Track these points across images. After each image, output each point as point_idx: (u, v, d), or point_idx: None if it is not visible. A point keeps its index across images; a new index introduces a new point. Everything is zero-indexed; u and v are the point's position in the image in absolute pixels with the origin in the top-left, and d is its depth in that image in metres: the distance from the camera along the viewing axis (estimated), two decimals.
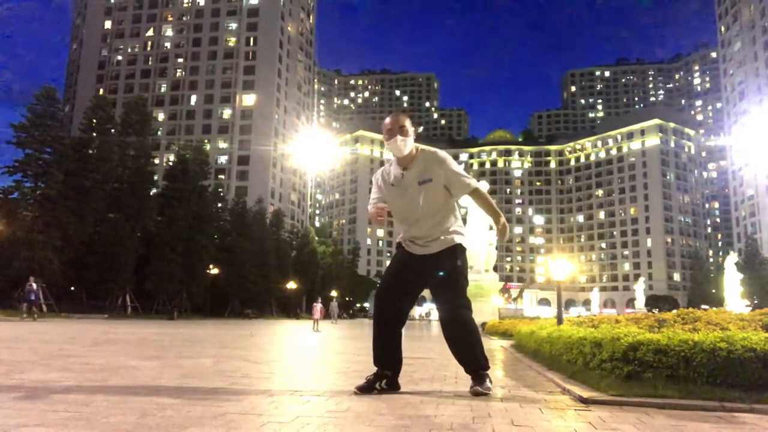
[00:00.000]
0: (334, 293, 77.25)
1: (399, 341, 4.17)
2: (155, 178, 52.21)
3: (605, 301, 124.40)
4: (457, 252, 4.02)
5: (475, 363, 4.07)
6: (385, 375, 4.08)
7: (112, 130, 47.35)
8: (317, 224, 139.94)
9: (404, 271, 4.07)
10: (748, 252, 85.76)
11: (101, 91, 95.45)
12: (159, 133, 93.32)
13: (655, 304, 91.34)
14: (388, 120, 4.04)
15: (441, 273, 3.97)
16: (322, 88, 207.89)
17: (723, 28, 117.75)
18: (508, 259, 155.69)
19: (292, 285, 64.84)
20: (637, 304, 63.06)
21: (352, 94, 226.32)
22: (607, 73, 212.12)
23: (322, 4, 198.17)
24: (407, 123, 4.02)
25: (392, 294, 4.08)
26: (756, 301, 62.49)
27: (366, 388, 4.02)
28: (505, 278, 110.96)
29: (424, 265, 4.00)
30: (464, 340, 4.05)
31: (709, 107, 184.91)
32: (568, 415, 3.40)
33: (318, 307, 26.37)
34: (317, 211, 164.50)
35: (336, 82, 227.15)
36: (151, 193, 49.86)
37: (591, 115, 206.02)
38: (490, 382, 4.11)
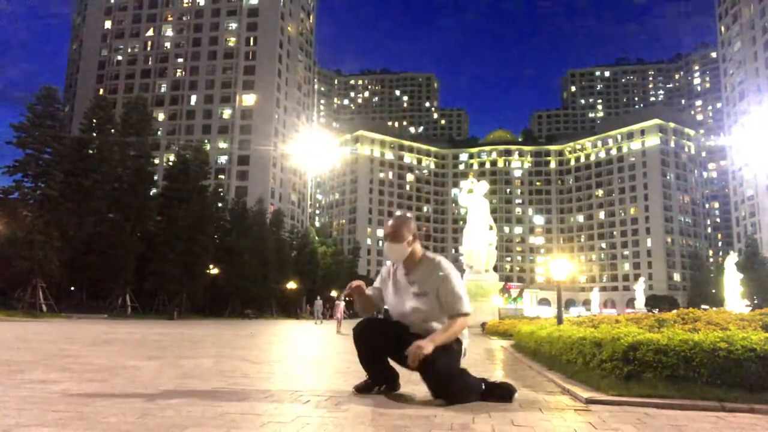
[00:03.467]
0: (334, 293, 77.27)
1: (386, 366, 4.10)
2: (155, 178, 52.16)
3: (605, 301, 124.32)
4: (451, 350, 3.86)
5: (449, 399, 3.77)
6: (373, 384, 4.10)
7: (112, 130, 47.30)
8: (317, 224, 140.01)
9: (389, 332, 3.99)
10: (748, 252, 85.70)
11: (101, 91, 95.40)
12: (159, 133, 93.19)
13: (655, 304, 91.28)
14: (388, 223, 4.01)
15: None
16: (322, 88, 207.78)
17: (723, 28, 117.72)
18: (508, 259, 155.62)
19: (292, 285, 64.79)
20: (637, 304, 62.99)
21: (352, 94, 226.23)
22: (607, 73, 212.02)
23: (322, 4, 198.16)
24: (405, 230, 3.90)
25: (371, 337, 4.01)
26: (756, 301, 62.46)
27: (365, 388, 4.04)
28: (505, 278, 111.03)
29: (404, 333, 3.90)
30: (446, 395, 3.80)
31: (709, 107, 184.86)
32: (568, 415, 3.40)
33: (341, 306, 24.69)
34: (317, 211, 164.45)
35: (336, 82, 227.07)
36: (151, 193, 49.82)
37: (591, 115, 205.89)
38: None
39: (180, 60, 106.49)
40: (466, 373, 3.95)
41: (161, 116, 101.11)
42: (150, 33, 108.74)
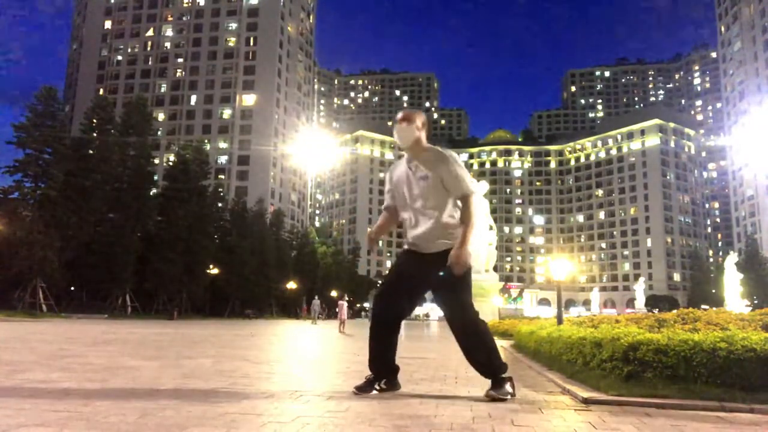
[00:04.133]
0: (334, 293, 77.29)
1: (393, 347, 4.10)
2: (155, 178, 52.15)
3: (605, 301, 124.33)
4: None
5: (491, 367, 3.94)
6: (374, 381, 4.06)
7: (112, 130, 47.31)
8: (317, 224, 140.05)
9: (406, 271, 4.02)
10: (748, 252, 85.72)
11: (101, 91, 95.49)
12: (159, 133, 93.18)
13: (655, 304, 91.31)
14: (399, 113, 4.10)
15: (442, 273, 3.84)
16: (322, 88, 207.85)
17: (723, 28, 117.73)
18: (508, 259, 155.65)
19: (292, 285, 64.81)
20: (637, 304, 62.98)
21: (352, 94, 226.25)
22: (607, 73, 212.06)
23: (322, 4, 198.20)
24: (417, 117, 4.04)
25: (393, 296, 4.02)
26: (756, 301, 62.49)
27: (365, 388, 4.01)
28: (505, 278, 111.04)
29: (426, 264, 3.92)
30: (476, 346, 3.95)
31: (709, 107, 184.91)
32: (568, 415, 3.40)
33: (344, 306, 23.70)
34: (317, 211, 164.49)
35: (336, 82, 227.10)
36: (151, 193, 49.82)
37: (591, 115, 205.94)
38: (512, 386, 3.94)
39: (180, 60, 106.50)
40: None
41: (161, 116, 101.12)
42: (150, 33, 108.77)
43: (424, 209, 3.94)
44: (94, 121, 46.31)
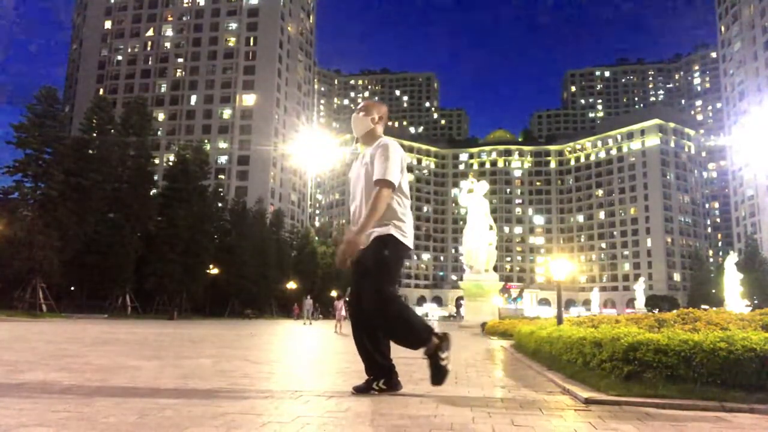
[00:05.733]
0: (334, 293, 77.14)
1: (379, 346, 3.95)
2: (155, 178, 52.12)
3: (605, 301, 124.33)
4: (386, 241, 3.78)
5: (416, 343, 3.81)
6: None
7: (112, 130, 47.32)
8: (317, 224, 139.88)
9: (354, 268, 3.90)
10: (748, 252, 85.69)
11: (101, 91, 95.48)
12: (159, 133, 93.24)
13: (655, 304, 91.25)
14: (363, 102, 4.22)
15: (367, 262, 3.74)
16: (322, 88, 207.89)
17: (723, 28, 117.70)
18: (508, 259, 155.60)
19: (292, 285, 64.77)
20: (637, 304, 62.98)
21: (352, 94, 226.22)
22: (607, 73, 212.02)
23: (322, 4, 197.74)
24: (374, 109, 4.10)
25: (351, 297, 4.05)
26: (756, 301, 62.45)
27: (364, 389, 3.98)
28: (505, 278, 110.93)
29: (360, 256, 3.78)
30: (387, 330, 3.81)
31: (709, 107, 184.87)
32: (568, 415, 3.40)
33: (342, 305, 22.50)
34: (317, 211, 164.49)
35: (336, 82, 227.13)
36: (151, 193, 49.81)
37: (591, 115, 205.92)
38: (446, 347, 3.84)
39: (180, 60, 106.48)
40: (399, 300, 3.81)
41: (161, 116, 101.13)
42: (150, 33, 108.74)
43: (363, 196, 3.87)
44: (94, 121, 46.31)
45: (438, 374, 3.88)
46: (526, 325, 11.78)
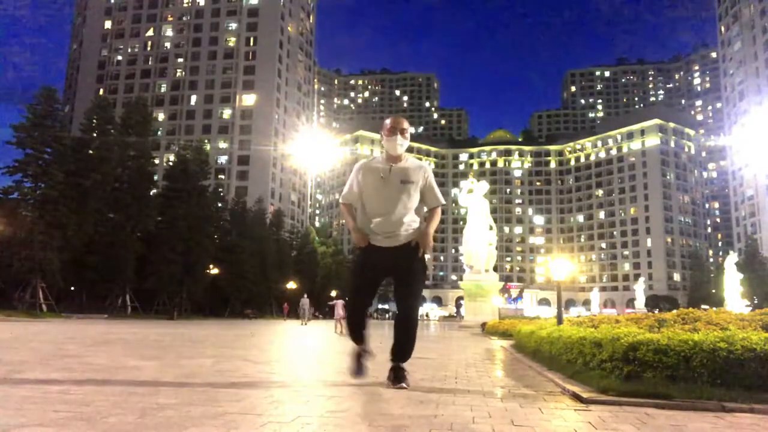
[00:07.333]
0: (333, 293, 77.20)
1: (365, 323, 4.63)
2: (155, 178, 52.11)
3: (605, 301, 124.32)
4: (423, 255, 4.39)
5: (407, 356, 4.42)
6: (365, 350, 4.57)
7: (112, 130, 47.32)
8: (317, 224, 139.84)
9: (373, 268, 4.38)
10: (748, 252, 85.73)
11: (101, 91, 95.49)
12: (159, 133, 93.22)
13: (655, 304, 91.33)
14: (391, 119, 4.36)
15: (404, 265, 4.30)
16: (322, 88, 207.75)
17: (723, 28, 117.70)
18: (508, 259, 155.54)
19: (292, 285, 64.78)
20: (637, 304, 63.03)
21: (352, 94, 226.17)
22: (607, 73, 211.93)
23: (322, 4, 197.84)
24: (408, 127, 4.37)
25: (363, 292, 4.48)
26: (756, 301, 62.46)
27: (357, 370, 4.52)
28: (505, 278, 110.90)
29: (391, 256, 4.29)
30: (409, 338, 4.37)
31: (709, 107, 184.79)
32: (568, 415, 3.40)
33: (341, 304, 21.93)
34: (317, 211, 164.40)
35: (336, 82, 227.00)
36: (151, 193, 49.81)
37: (591, 115, 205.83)
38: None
39: (180, 60, 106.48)
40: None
41: (161, 116, 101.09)
42: (150, 33, 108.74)
43: (399, 207, 4.26)
44: (94, 121, 46.32)
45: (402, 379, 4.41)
46: (526, 325, 11.78)
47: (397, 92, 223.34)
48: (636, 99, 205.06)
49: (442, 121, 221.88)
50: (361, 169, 4.39)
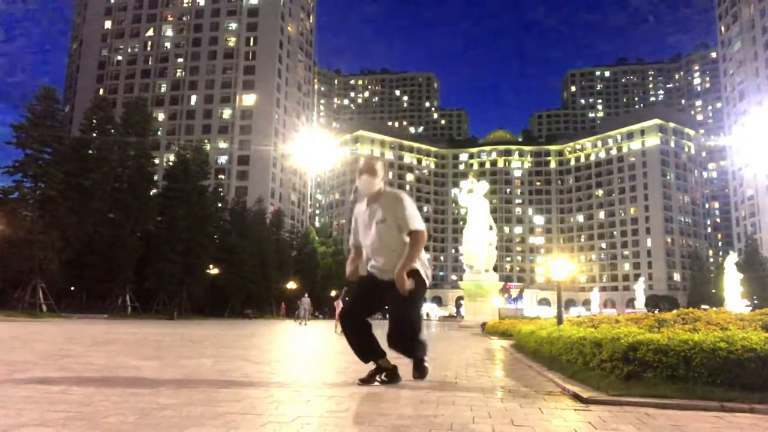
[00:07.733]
0: (333, 293, 77.20)
1: (368, 337, 4.61)
2: (155, 178, 52.07)
3: (605, 301, 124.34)
4: (414, 274, 4.46)
5: (413, 355, 4.60)
6: (382, 367, 4.56)
7: (112, 130, 47.31)
8: (317, 224, 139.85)
9: (368, 294, 4.65)
10: (748, 252, 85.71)
11: (101, 91, 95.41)
12: (159, 133, 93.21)
13: (655, 304, 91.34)
14: (362, 161, 4.60)
15: (391, 297, 4.42)
16: (322, 88, 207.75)
17: (723, 28, 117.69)
18: (508, 259, 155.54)
19: (292, 285, 64.78)
20: (637, 304, 63.02)
21: (352, 94, 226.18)
22: (607, 73, 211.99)
23: (322, 4, 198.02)
24: (378, 167, 4.54)
25: (356, 313, 4.66)
26: (756, 301, 62.44)
27: (368, 380, 4.49)
28: (505, 278, 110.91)
29: (384, 288, 4.48)
30: (405, 347, 4.54)
31: (709, 107, 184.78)
32: (568, 415, 3.40)
33: (341, 305, 21.35)
34: (317, 211, 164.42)
35: (336, 82, 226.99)
36: (151, 193, 49.79)
37: (591, 115, 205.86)
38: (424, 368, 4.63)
39: (180, 60, 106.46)
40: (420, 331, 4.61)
41: (161, 116, 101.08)
42: (150, 33, 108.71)
43: (382, 245, 4.46)
44: (94, 121, 46.31)
45: (422, 371, 4.63)
46: (526, 325, 11.78)
47: (397, 92, 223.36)
48: (636, 99, 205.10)
49: (442, 121, 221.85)
50: (354, 212, 4.79)
